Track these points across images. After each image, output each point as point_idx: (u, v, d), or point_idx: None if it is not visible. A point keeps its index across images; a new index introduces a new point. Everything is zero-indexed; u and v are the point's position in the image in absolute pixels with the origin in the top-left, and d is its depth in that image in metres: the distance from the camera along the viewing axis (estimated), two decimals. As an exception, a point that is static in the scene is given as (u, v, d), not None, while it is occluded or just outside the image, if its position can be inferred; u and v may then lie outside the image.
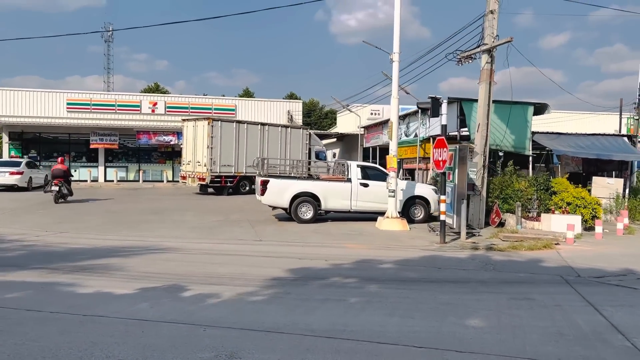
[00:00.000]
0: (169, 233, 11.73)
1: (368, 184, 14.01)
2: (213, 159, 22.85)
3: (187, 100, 32.98)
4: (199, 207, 17.75)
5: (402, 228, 12.89)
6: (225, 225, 13.24)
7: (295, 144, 26.14)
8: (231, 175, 23.67)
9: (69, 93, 31.80)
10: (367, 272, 7.84)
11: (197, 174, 23.29)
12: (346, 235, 12.04)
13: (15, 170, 23.06)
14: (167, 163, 32.63)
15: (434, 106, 11.63)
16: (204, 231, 12.12)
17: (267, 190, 13.60)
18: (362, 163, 15.09)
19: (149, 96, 32.37)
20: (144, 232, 11.82)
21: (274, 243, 10.74)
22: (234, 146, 23.66)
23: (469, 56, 14.25)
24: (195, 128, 23.58)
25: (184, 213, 15.78)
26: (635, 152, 19.12)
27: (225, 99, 33.90)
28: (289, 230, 12.57)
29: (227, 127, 23.52)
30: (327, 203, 13.83)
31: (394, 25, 13.09)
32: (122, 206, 17.49)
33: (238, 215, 15.54)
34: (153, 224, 13.09)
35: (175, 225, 13.09)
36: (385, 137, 25.12)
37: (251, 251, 9.73)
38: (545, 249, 10.63)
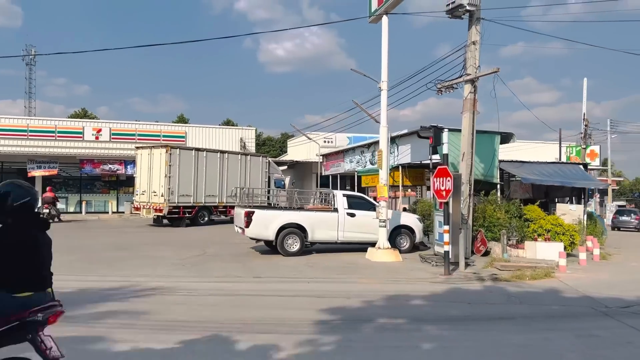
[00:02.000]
0: (152, 271, 10.72)
1: (355, 213, 13.65)
2: (171, 189, 21.69)
3: (134, 127, 31.42)
4: (166, 241, 16.61)
5: (395, 259, 12.58)
6: (209, 260, 12.35)
7: (255, 172, 25.45)
8: (189, 206, 22.56)
9: (2, 118, 29.37)
10: (406, 311, 7.41)
11: (152, 204, 21.97)
12: (343, 268, 11.55)
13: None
14: (111, 193, 30.75)
15: (436, 135, 11.56)
16: (191, 268, 11.20)
17: (253, 222, 12.88)
18: (348, 192, 14.74)
19: (92, 122, 30.59)
20: (124, 270, 10.74)
21: (274, 280, 10.05)
22: (193, 175, 22.63)
23: (450, 86, 14.43)
24: (151, 156, 22.35)
25: (155, 248, 14.66)
26: (592, 179, 20.11)
27: (175, 126, 32.64)
28: (280, 264, 11.90)
29: (186, 155, 22.51)
30: (314, 234, 13.30)
31: (382, 54, 13.03)
32: (81, 241, 16.02)
33: (214, 249, 14.63)
34: (129, 261, 11.97)
35: (155, 261, 12.04)
36: (348, 165, 25.05)
37: (259, 290, 9.01)
38: (547, 278, 10.66)
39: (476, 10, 13.69)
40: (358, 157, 23.53)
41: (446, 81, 14.53)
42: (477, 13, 13.78)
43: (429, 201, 16.99)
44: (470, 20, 13.92)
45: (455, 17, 14.07)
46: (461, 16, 14.08)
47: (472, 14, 13.76)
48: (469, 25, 14.01)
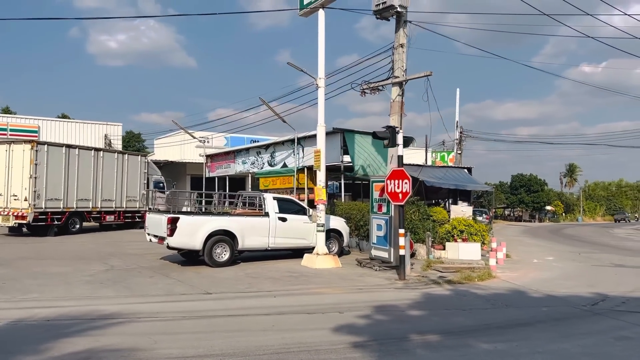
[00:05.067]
0: (73, 293, 8.70)
1: (286, 218, 12.76)
2: (37, 192, 18.39)
3: (-28, 118, 26.29)
4: (47, 254, 13.91)
5: (335, 265, 12.00)
6: (127, 276, 10.47)
7: (133, 172, 22.80)
8: (59, 212, 19.37)
9: None
10: (419, 323, 6.91)
11: (12, 210, 18.38)
12: (291, 278, 10.61)
13: None
14: (-61, 197, 25.22)
15: (392, 136, 11.19)
16: (115, 286, 9.32)
17: (177, 230, 11.24)
18: (278, 195, 13.70)
19: None
20: (32, 293, 8.55)
21: (232, 296, 8.80)
22: (63, 176, 19.46)
23: (376, 87, 14.30)
24: (9, 152, 18.71)
25: (41, 262, 12.09)
26: (478, 183, 21.71)
27: (24, 118, 27.94)
28: (218, 277, 10.53)
29: (55, 152, 19.28)
30: (244, 242, 12.09)
31: (319, 49, 12.38)
32: None
33: (117, 261, 12.57)
34: (23, 281, 9.60)
35: (59, 280, 9.83)
36: (240, 167, 23.80)
37: (229, 309, 7.74)
38: (492, 279, 10.99)
39: (405, 12, 13.74)
40: (253, 159, 22.48)
41: (372, 82, 14.36)
42: (404, 15, 13.83)
43: (345, 203, 16.73)
44: (398, 22, 13.91)
45: (383, 18, 13.96)
46: (388, 18, 14.05)
47: (401, 16, 13.78)
48: (396, 27, 14.00)
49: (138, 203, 23.07)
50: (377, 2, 13.60)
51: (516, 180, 67.29)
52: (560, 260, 15.82)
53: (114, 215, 21.76)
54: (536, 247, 20.38)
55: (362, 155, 17.55)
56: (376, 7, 13.69)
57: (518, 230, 35.00)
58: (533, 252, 18.01)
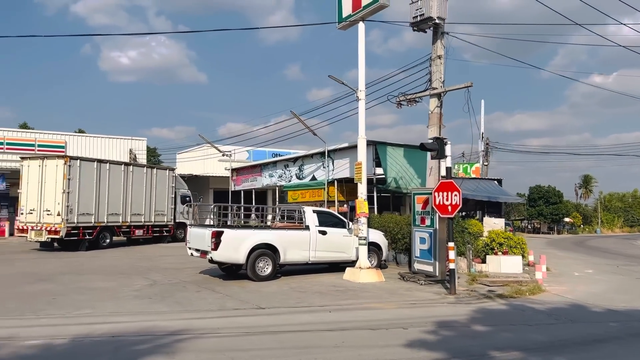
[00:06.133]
0: (120, 308, 8.64)
1: (326, 231, 12.64)
2: (70, 207, 18.49)
3: (1, 134, 26.57)
4: (86, 269, 13.92)
5: (379, 279, 11.83)
6: (174, 291, 10.39)
7: (161, 186, 22.90)
8: (90, 226, 19.44)
9: None
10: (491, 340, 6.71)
11: (45, 225, 18.48)
12: (338, 291, 10.46)
13: None
14: (-31, 212, 25.57)
15: (440, 147, 11.07)
16: (166, 301, 9.24)
17: (222, 244, 11.17)
18: (317, 208, 13.59)
19: (-55, 127, 25.16)
20: (82, 309, 8.49)
21: (285, 311, 8.67)
22: (95, 190, 19.58)
23: (413, 99, 14.24)
24: (42, 168, 18.86)
25: (83, 278, 12.09)
26: (509, 194, 21.44)
27: (52, 134, 28.23)
28: (264, 291, 10.42)
29: (87, 167, 19.43)
30: (285, 255, 11.98)
31: (359, 61, 12.34)
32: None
33: (158, 275, 12.53)
34: (72, 297, 9.56)
35: (108, 295, 9.79)
36: (267, 180, 23.77)
37: (287, 324, 7.61)
38: (542, 292, 10.76)
39: (442, 24, 13.70)
40: (280, 172, 22.44)
41: (409, 94, 14.31)
42: (442, 27, 13.79)
43: (381, 216, 16.56)
44: (435, 34, 13.89)
45: (420, 29, 13.97)
46: (425, 30, 14.02)
47: (438, 27, 13.75)
48: (433, 39, 13.98)
49: (166, 217, 23.14)
50: (414, 15, 13.61)
51: (534, 192, 66.54)
52: (600, 273, 15.49)
53: (142, 229, 21.82)
54: (570, 260, 20.00)
55: (394, 167, 17.42)
56: (414, 20, 13.70)
57: (542, 243, 34.46)
58: (569, 265, 17.67)
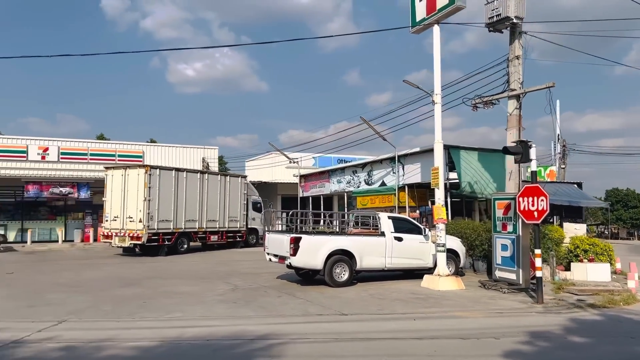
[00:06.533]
0: (208, 312, 8.94)
1: (402, 237, 12.52)
2: (150, 214, 19.38)
3: (86, 146, 28.29)
4: (169, 274, 14.54)
5: (459, 287, 11.56)
6: (256, 295, 10.63)
7: (234, 193, 23.58)
8: (169, 232, 20.29)
9: None
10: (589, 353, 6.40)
11: (128, 231, 19.48)
12: (418, 299, 10.32)
13: None
14: (58, 219, 27.34)
15: (524, 150, 10.74)
16: (251, 306, 9.46)
17: (300, 250, 11.34)
18: (392, 214, 13.54)
19: (38, 140, 27.03)
20: (172, 313, 8.85)
21: (367, 318, 8.66)
22: (173, 198, 20.43)
23: (490, 101, 13.87)
24: (125, 177, 19.90)
25: (168, 282, 12.63)
26: (591, 199, 20.40)
27: (130, 144, 29.78)
28: (343, 297, 10.45)
29: (166, 176, 20.31)
30: (362, 262, 11.97)
31: (434, 65, 12.16)
32: (70, 277, 13.56)
33: (239, 280, 12.86)
34: (161, 301, 9.99)
35: (194, 299, 10.16)
36: (335, 186, 23.89)
37: (375, 331, 7.59)
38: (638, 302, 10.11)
39: (520, 23, 13.27)
40: (349, 177, 22.48)
41: (486, 96, 13.95)
42: (520, 27, 13.36)
43: (457, 222, 16.20)
44: (513, 34, 13.48)
45: (496, 30, 13.61)
46: (502, 30, 13.64)
47: (516, 27, 13.33)
48: (510, 39, 13.57)
49: (239, 223, 23.78)
50: (490, 15, 13.28)
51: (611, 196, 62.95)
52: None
53: (217, 235, 22.52)
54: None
55: (468, 172, 17.00)
56: (489, 20, 13.38)
57: (624, 249, 32.42)
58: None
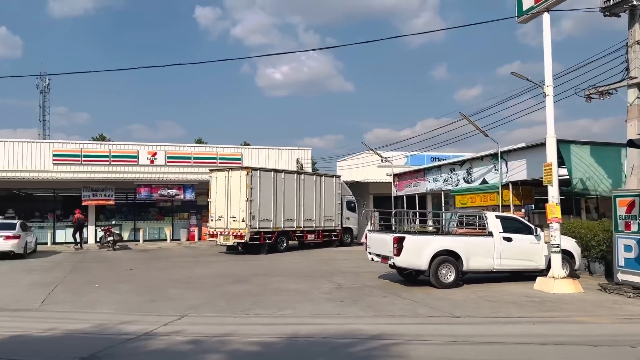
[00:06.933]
0: (317, 310, 9.08)
1: (511, 237, 11.96)
2: (252, 213, 20.11)
3: (190, 150, 29.98)
4: (272, 271, 14.98)
5: (576, 290, 10.85)
6: (361, 295, 10.64)
7: (328, 193, 23.88)
8: (269, 231, 20.94)
9: (55, 143, 28.20)
10: None
11: (232, 230, 20.36)
12: (533, 302, 9.80)
13: (11, 234, 19.18)
14: (166, 219, 29.17)
15: None
16: (358, 305, 9.49)
17: (404, 250, 11.21)
18: (501, 214, 13.06)
19: (147, 145, 29.06)
20: (283, 310, 9.10)
21: (482, 320, 8.37)
22: (272, 198, 21.07)
23: (606, 91, 12.88)
24: (228, 179, 20.83)
25: (273, 279, 13.01)
26: None
27: (230, 147, 31.14)
28: (451, 299, 10.18)
29: (266, 177, 21.00)
30: (468, 263, 11.59)
31: (545, 55, 11.50)
32: (182, 273, 14.44)
33: (341, 279, 12.96)
34: (271, 298, 10.31)
35: (301, 297, 10.37)
36: (431, 185, 23.40)
37: (493, 335, 7.31)
38: None
39: (641, 5, 12.19)
40: (446, 176, 21.90)
41: (601, 86, 12.99)
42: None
43: (571, 221, 15.25)
44: (632, 17, 12.41)
45: (612, 14, 12.60)
46: (619, 14, 12.62)
47: (636, 9, 12.27)
48: (629, 23, 12.50)
49: (334, 222, 24.03)
50: (605, -2, 12.32)
51: None
52: None
53: (314, 234, 22.92)
54: None
55: (580, 167, 15.90)
56: (605, 4, 12.43)
57: None
58: None
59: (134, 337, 7.02)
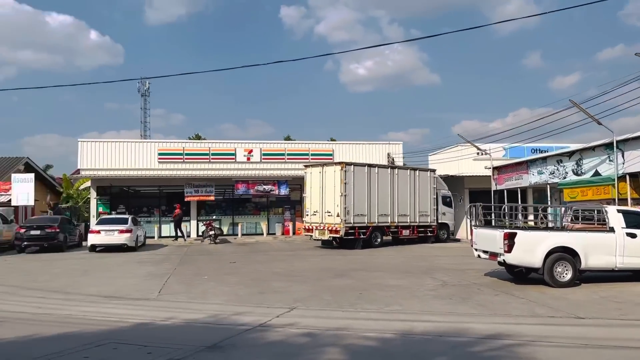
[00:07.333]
0: (425, 307, 8.80)
1: (635, 234, 10.94)
2: (347, 208, 20.12)
3: (283, 147, 30.70)
4: (370, 266, 14.89)
5: None
6: (470, 293, 10.20)
7: (423, 188, 23.37)
8: (364, 226, 20.86)
9: (160, 143, 30.00)
10: None
11: (327, 225, 20.52)
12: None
13: (124, 228, 20.65)
14: (262, 214, 30.05)
15: None
16: (469, 303, 9.10)
17: (516, 246, 10.61)
18: (623, 208, 12.06)
19: (243, 143, 30.10)
20: (391, 306, 8.91)
21: (611, 323, 7.69)
22: (366, 193, 20.96)
23: None
24: (322, 174, 21.00)
25: (372, 275, 12.89)
26: None
27: (321, 144, 31.52)
28: (569, 298, 9.48)
29: (359, 172, 20.94)
30: (587, 260, 10.73)
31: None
32: (282, 266, 14.74)
33: (444, 276, 12.56)
34: (375, 293, 10.16)
35: (407, 293, 10.14)
36: (535, 178, 22.13)
37: (628, 339, 6.70)
38: None
39: None
40: (552, 168, 20.59)
41: None
42: None
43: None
44: None
45: None
46: None
47: None
48: None
49: (429, 218, 23.47)
50: None
51: None
52: None
53: (409, 229, 22.54)
54: None
55: None
56: None
57: None
58: None
59: (251, 328, 7.19)
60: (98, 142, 28.88)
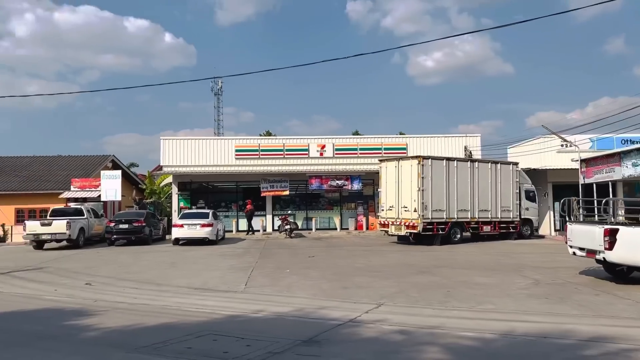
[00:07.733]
0: (520, 306, 8.36)
1: None
2: (424, 203, 19.65)
3: (355, 142, 30.57)
4: (451, 263, 14.45)
5: None
6: (567, 292, 9.61)
7: (505, 182, 22.38)
8: (442, 222, 20.30)
9: (236, 139, 30.78)
10: None
11: (404, 220, 20.14)
12: None
13: (205, 223, 21.35)
14: (335, 209, 30.08)
15: None
16: (568, 303, 8.56)
17: (617, 243, 9.88)
18: None
19: (316, 139, 30.25)
20: (483, 305, 8.56)
21: None
22: (445, 187, 20.38)
23: None
24: (398, 169, 20.63)
25: (456, 272, 12.48)
26: None
27: (394, 137, 31.12)
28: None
29: (437, 165, 20.37)
30: (702, 260, 9.82)
31: None
32: (361, 261, 14.63)
33: (535, 274, 11.94)
34: (464, 291, 9.80)
35: (498, 291, 9.71)
36: (630, 170, 20.59)
37: None
38: None
39: None
40: (650, 159, 19.05)
41: None
42: None
43: None
44: None
45: None
46: None
47: None
48: None
49: (512, 213, 22.49)
50: None
51: None
52: None
53: (490, 225, 21.70)
54: None
55: None
56: None
57: None
58: None
59: (342, 323, 7.13)
60: (178, 140, 30.10)
